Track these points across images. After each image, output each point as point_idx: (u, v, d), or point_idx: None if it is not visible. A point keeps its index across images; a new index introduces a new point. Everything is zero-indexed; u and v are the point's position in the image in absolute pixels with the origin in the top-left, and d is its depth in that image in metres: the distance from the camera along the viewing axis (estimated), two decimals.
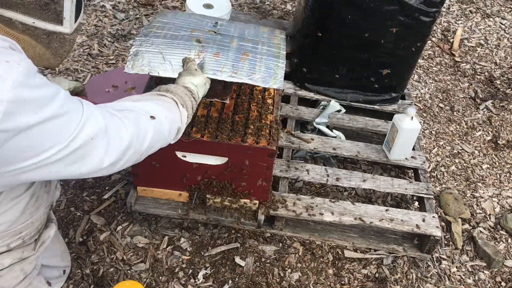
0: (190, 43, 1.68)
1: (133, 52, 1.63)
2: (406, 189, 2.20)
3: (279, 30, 2.00)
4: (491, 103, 3.09)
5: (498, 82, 3.25)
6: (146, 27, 1.76)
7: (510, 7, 3.98)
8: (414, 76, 3.17)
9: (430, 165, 2.62)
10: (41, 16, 1.04)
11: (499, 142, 2.84)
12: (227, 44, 1.72)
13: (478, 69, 3.33)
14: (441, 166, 2.63)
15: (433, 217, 2.10)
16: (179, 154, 1.84)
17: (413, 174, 2.40)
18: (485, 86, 3.21)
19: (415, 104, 2.86)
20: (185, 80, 1.48)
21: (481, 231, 2.33)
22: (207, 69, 1.62)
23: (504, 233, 2.36)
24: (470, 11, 3.84)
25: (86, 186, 2.21)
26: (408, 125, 2.15)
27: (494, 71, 3.33)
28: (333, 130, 2.45)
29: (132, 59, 1.61)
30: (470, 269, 2.19)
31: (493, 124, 2.94)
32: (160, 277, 1.94)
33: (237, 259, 2.02)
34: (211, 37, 1.74)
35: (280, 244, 2.11)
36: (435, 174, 2.58)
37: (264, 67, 1.67)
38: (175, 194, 2.01)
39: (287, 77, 2.52)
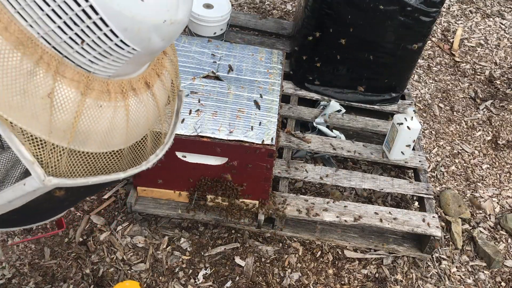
0: (190, 101, 1.86)
1: None
2: (406, 189, 2.21)
3: (277, 51, 2.22)
4: (491, 103, 3.08)
5: (498, 82, 3.25)
6: None
7: (510, 7, 3.98)
8: (414, 76, 3.17)
9: (430, 165, 2.62)
10: None
11: (499, 142, 2.83)
12: (224, 98, 1.91)
13: (478, 69, 3.33)
14: (441, 166, 2.63)
15: (433, 217, 2.10)
16: (179, 154, 1.84)
17: (413, 174, 2.40)
18: (485, 86, 3.21)
19: (415, 104, 2.86)
20: None
21: (481, 231, 2.33)
22: (205, 128, 1.77)
23: (504, 233, 2.36)
24: (470, 11, 3.84)
25: None
26: (408, 125, 2.15)
27: (494, 71, 3.33)
28: (333, 130, 2.45)
29: None
30: (470, 269, 2.19)
31: (493, 124, 2.94)
32: (160, 277, 1.94)
33: (237, 259, 2.02)
34: (210, 87, 1.92)
35: (280, 244, 2.11)
36: (435, 174, 2.58)
37: (257, 124, 1.83)
38: (175, 194, 2.01)
39: (287, 77, 2.52)
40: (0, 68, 0.62)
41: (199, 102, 1.87)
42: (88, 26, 0.62)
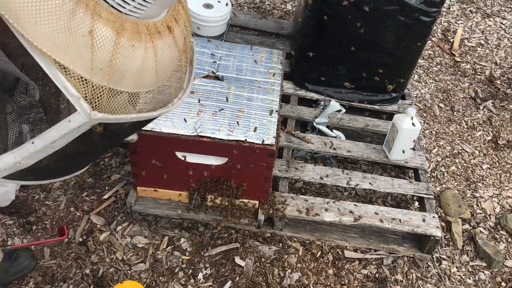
0: (189, 101, 1.86)
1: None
2: (406, 189, 2.21)
3: (277, 51, 2.22)
4: (491, 103, 3.08)
5: (498, 82, 3.24)
6: None
7: (510, 7, 3.98)
8: (414, 76, 3.17)
9: (430, 165, 2.62)
10: None
11: (499, 142, 2.83)
12: (224, 98, 1.90)
13: (478, 69, 3.33)
14: (441, 166, 2.63)
15: (433, 217, 2.10)
16: (179, 154, 1.84)
17: (413, 174, 2.40)
18: (485, 86, 3.20)
19: (415, 104, 2.86)
20: None
21: (481, 231, 2.33)
22: (205, 128, 1.77)
23: (504, 233, 2.36)
24: (470, 11, 3.84)
25: (86, 186, 2.21)
26: (408, 125, 2.15)
27: (495, 71, 3.33)
28: (333, 130, 2.45)
29: None
30: (470, 269, 2.18)
31: (493, 124, 2.94)
32: (160, 277, 1.94)
33: (237, 259, 2.02)
34: (210, 87, 1.93)
35: (280, 244, 2.11)
36: (435, 174, 2.57)
37: (258, 124, 1.83)
38: (175, 194, 2.00)
39: (287, 77, 2.52)
40: (46, 7, 0.66)
41: (199, 102, 1.86)
42: None
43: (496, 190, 2.56)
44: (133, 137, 1.70)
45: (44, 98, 0.82)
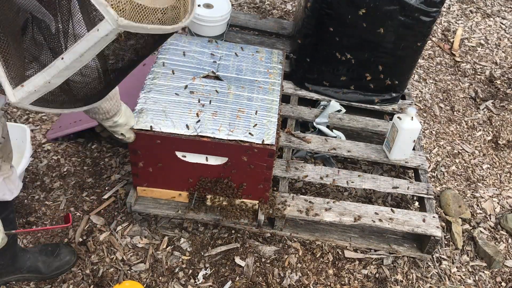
0: (190, 101, 1.86)
1: (138, 110, 1.79)
2: (406, 189, 2.20)
3: (277, 51, 2.23)
4: (492, 103, 3.08)
5: (498, 82, 3.24)
6: (150, 77, 1.93)
7: (510, 7, 3.98)
8: (414, 76, 3.17)
9: (430, 165, 2.62)
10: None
11: (499, 142, 2.83)
12: (224, 98, 1.89)
13: (478, 69, 3.33)
14: (441, 166, 2.63)
15: (433, 217, 2.10)
16: (179, 154, 1.84)
17: (413, 174, 2.40)
18: (486, 86, 3.20)
19: (415, 104, 2.86)
20: None
21: (481, 231, 2.33)
22: (205, 128, 1.77)
23: (505, 233, 2.36)
24: (470, 11, 3.84)
25: (86, 186, 2.21)
26: (408, 125, 2.15)
27: (495, 71, 3.33)
28: (333, 130, 2.45)
29: (137, 116, 1.77)
30: (470, 269, 2.18)
31: (493, 124, 2.94)
32: (160, 277, 1.94)
33: (237, 259, 2.02)
34: (210, 87, 1.93)
35: (280, 244, 2.10)
36: (435, 174, 2.57)
37: (258, 124, 1.83)
38: (175, 194, 2.00)
39: (287, 77, 2.52)
40: None
41: (199, 102, 1.86)
42: None
43: (496, 190, 2.56)
44: (131, 135, 1.71)
45: (67, 19, 0.88)
